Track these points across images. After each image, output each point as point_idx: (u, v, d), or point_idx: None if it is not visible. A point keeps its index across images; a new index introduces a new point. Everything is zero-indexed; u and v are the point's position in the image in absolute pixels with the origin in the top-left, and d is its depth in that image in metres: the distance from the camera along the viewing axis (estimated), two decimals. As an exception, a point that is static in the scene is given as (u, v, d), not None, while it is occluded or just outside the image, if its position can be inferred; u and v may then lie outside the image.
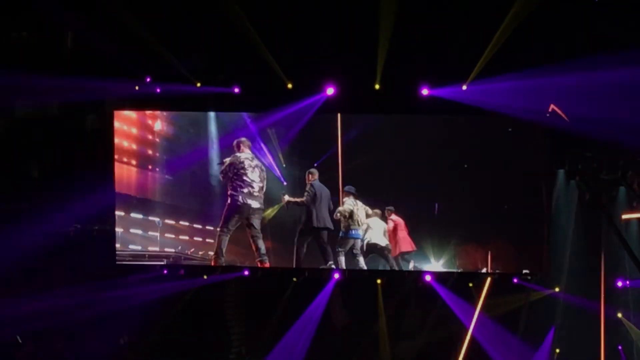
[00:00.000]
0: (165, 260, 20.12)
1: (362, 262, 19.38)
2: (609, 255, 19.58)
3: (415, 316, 20.70)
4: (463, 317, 19.80)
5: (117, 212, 19.73)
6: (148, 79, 19.57)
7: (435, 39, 18.29)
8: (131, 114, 20.21)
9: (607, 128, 17.02)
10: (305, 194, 18.68)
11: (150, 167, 20.36)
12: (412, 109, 19.22)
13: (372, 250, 19.51)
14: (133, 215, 20.15)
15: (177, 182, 20.10)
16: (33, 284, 20.03)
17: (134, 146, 20.19)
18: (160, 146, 20.25)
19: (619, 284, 19.60)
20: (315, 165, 19.17)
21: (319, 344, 20.39)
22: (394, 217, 19.54)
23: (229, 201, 18.71)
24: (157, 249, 20.25)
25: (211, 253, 19.33)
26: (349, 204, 19.11)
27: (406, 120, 19.43)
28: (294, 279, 20.46)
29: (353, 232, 19.14)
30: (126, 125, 20.04)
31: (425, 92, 18.71)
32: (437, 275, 19.60)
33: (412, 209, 19.55)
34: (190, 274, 20.24)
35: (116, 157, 19.62)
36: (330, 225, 18.84)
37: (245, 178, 18.51)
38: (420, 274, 19.57)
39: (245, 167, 18.53)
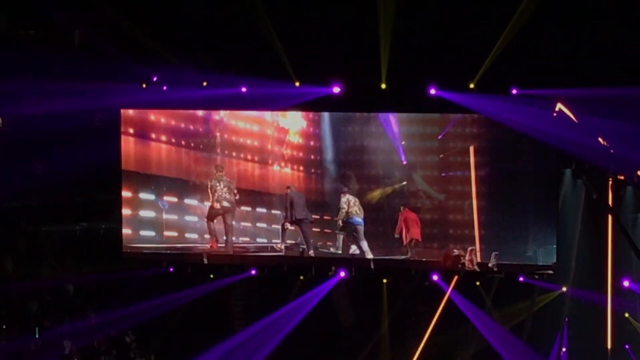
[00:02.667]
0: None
1: (365, 246, 19.70)
2: (615, 254, 19.51)
3: (422, 315, 20.69)
4: (470, 316, 19.81)
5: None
6: (155, 78, 19.61)
7: (442, 39, 18.25)
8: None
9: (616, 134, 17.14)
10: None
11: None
12: (419, 108, 19.25)
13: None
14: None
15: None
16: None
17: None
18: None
19: (626, 283, 19.54)
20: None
21: (325, 341, 20.41)
22: (406, 211, 19.60)
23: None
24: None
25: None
26: (343, 206, 19.76)
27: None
28: (301, 277, 20.47)
29: (354, 219, 19.70)
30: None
31: (432, 91, 18.68)
32: (443, 275, 19.59)
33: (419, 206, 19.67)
34: (197, 273, 20.26)
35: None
36: (309, 217, 20.06)
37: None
38: (426, 273, 19.57)
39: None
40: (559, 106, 18.17)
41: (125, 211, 20.20)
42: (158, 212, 20.29)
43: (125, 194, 20.20)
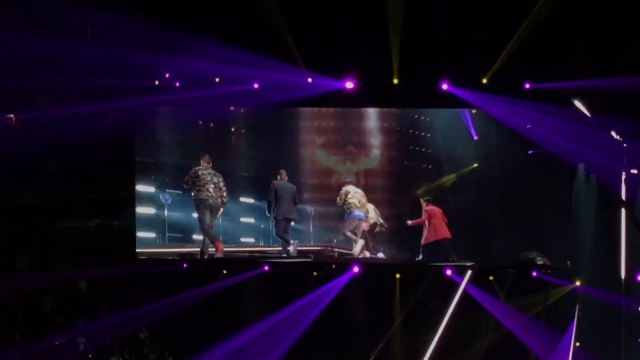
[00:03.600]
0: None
1: (357, 248, 19.81)
2: (629, 249, 19.49)
3: (435, 309, 20.70)
4: (486, 305, 19.85)
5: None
6: (167, 75, 19.62)
7: (455, 34, 18.24)
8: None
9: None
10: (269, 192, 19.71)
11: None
12: (431, 104, 19.27)
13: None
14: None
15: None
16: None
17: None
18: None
19: (640, 277, 19.55)
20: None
21: (338, 336, 20.43)
22: (430, 207, 19.55)
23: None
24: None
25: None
26: (341, 196, 19.75)
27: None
28: (315, 273, 20.49)
29: (355, 212, 19.50)
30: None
31: (444, 87, 18.68)
32: (456, 270, 19.61)
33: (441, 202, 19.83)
34: (210, 269, 20.28)
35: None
36: (291, 216, 19.78)
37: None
38: (440, 268, 19.59)
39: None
40: (575, 102, 18.22)
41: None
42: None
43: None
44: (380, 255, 19.83)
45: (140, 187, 20.17)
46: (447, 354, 20.52)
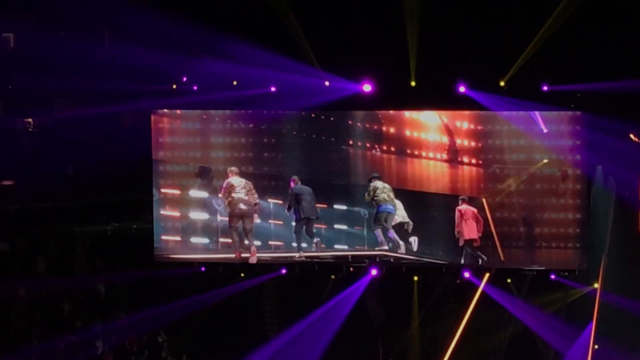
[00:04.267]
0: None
1: (393, 235, 19.56)
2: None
3: (454, 312, 20.70)
4: (505, 304, 19.85)
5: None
6: (184, 79, 19.67)
7: (472, 37, 18.25)
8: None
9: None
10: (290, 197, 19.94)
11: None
12: (448, 106, 19.27)
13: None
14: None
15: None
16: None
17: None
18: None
19: (658, 282, 19.49)
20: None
21: (356, 339, 20.44)
22: (465, 206, 19.51)
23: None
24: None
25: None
26: (369, 192, 19.56)
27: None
28: (332, 277, 20.49)
29: (383, 206, 19.51)
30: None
31: (462, 89, 18.70)
32: (474, 272, 19.59)
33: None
34: (228, 272, 20.29)
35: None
36: (312, 216, 19.80)
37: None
38: (458, 270, 19.58)
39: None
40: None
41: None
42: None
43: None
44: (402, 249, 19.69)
45: (194, 193, 20.25)
46: (466, 352, 20.48)
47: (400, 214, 19.67)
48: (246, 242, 19.84)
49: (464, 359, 20.71)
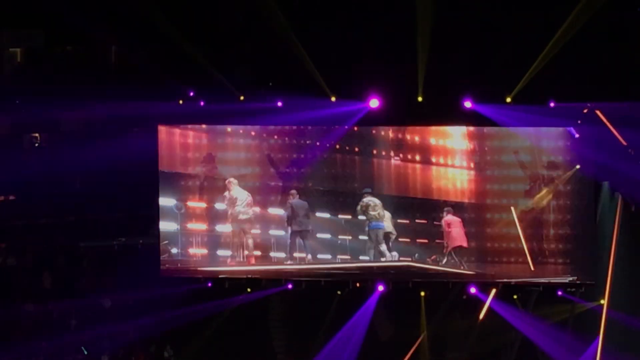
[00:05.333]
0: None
1: (384, 248, 19.90)
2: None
3: (460, 328, 20.66)
4: (511, 321, 19.83)
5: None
6: (191, 93, 19.70)
7: (478, 53, 18.29)
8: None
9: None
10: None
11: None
12: (455, 121, 19.30)
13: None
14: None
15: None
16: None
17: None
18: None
19: (665, 298, 19.42)
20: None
21: (364, 355, 20.39)
22: (450, 216, 19.57)
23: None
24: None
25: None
26: (366, 200, 19.88)
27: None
28: (338, 292, 20.48)
29: (374, 223, 19.85)
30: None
31: (468, 104, 18.72)
32: (481, 287, 19.58)
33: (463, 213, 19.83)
34: (234, 287, 20.28)
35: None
36: (305, 228, 20.15)
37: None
38: (464, 285, 19.57)
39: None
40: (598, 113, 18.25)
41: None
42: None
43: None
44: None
45: (219, 205, 20.34)
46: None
47: (387, 224, 19.90)
48: (246, 252, 20.17)
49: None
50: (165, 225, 20.18)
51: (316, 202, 20.24)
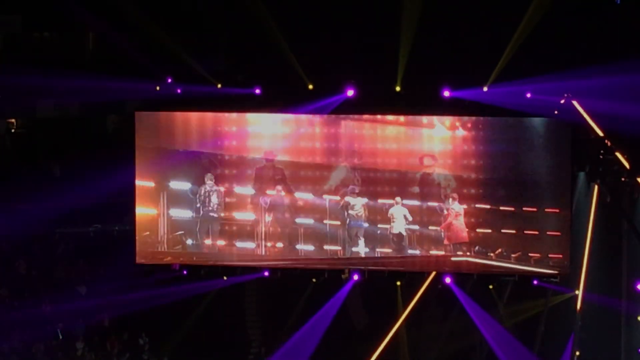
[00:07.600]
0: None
1: (361, 245, 19.66)
2: (629, 258, 19.48)
3: (436, 317, 20.69)
4: (480, 322, 19.85)
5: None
6: (169, 80, 19.66)
7: (455, 41, 18.32)
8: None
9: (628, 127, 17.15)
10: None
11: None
12: (433, 110, 19.30)
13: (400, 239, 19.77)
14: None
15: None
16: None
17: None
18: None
19: (639, 286, 19.45)
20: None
21: (337, 344, 20.42)
22: (456, 205, 19.52)
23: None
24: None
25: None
26: (346, 201, 19.68)
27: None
28: (313, 280, 20.46)
29: (352, 223, 19.66)
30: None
31: (447, 93, 18.73)
32: (457, 278, 19.59)
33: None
34: (211, 275, 20.24)
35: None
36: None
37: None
38: (440, 275, 19.57)
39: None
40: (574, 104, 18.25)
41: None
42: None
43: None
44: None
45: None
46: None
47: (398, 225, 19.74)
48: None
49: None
50: (178, 213, 19.87)
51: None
